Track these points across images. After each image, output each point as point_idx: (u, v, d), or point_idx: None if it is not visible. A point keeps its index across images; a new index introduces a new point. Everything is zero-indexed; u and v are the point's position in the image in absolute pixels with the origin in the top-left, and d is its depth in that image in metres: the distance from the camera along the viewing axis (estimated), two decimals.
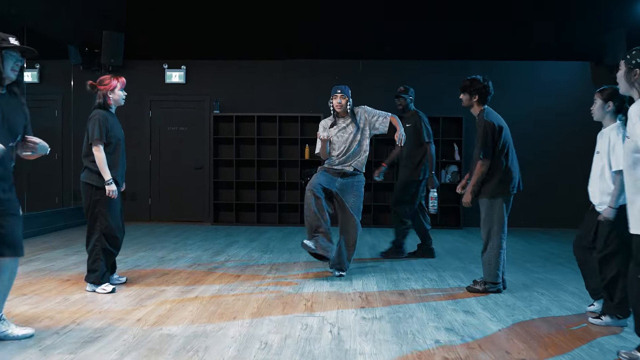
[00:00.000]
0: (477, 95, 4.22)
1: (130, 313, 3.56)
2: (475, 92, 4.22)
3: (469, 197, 4.19)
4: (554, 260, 5.79)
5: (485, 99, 4.23)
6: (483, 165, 4.09)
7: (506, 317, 3.59)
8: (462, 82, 4.31)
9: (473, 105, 4.27)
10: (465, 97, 4.28)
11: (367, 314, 3.62)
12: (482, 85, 4.21)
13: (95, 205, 4.08)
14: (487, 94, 4.22)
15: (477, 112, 4.26)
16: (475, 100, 4.24)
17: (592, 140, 8.87)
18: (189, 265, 5.21)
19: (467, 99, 4.27)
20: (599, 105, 3.52)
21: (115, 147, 4.16)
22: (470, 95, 4.24)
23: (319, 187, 4.65)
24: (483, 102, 4.24)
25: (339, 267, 4.75)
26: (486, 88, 4.21)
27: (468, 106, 4.31)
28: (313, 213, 4.59)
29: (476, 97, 4.22)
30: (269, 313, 3.60)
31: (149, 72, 9.02)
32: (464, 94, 4.29)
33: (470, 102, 4.26)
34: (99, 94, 4.15)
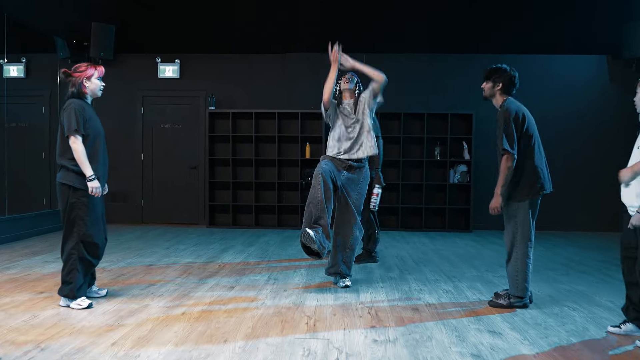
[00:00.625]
0: (500, 83, 3.75)
1: (106, 334, 3.09)
2: (499, 80, 3.75)
3: (498, 201, 3.71)
4: (577, 267, 5.31)
5: (509, 90, 3.77)
6: (508, 160, 3.61)
7: (539, 338, 3.12)
8: (486, 70, 3.84)
9: (495, 95, 3.81)
10: (488, 86, 3.81)
11: (379, 335, 3.15)
12: (509, 75, 3.75)
13: (73, 208, 3.61)
14: (512, 85, 3.77)
15: (500, 103, 3.79)
16: (499, 89, 3.77)
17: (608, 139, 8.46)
18: (179, 275, 4.74)
19: (490, 88, 3.80)
20: None
21: (94, 141, 3.69)
22: (494, 83, 3.77)
23: (329, 174, 4.19)
24: (507, 92, 3.78)
25: (334, 272, 4.32)
26: (513, 78, 3.76)
27: (490, 96, 3.84)
28: (320, 201, 4.10)
29: (499, 86, 3.76)
30: (265, 334, 3.13)
31: (141, 66, 8.54)
32: (486, 82, 3.82)
33: (493, 91, 3.80)
34: (73, 82, 3.68)
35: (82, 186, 3.59)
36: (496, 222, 8.24)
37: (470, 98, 8.24)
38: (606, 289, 4.41)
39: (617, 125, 8.19)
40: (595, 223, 8.20)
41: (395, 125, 8.22)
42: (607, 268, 5.30)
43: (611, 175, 8.19)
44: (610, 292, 4.29)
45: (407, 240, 7.06)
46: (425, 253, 6.08)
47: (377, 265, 5.30)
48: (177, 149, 8.53)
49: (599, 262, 5.59)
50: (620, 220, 3.22)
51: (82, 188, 3.60)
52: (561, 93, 8.15)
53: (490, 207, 3.74)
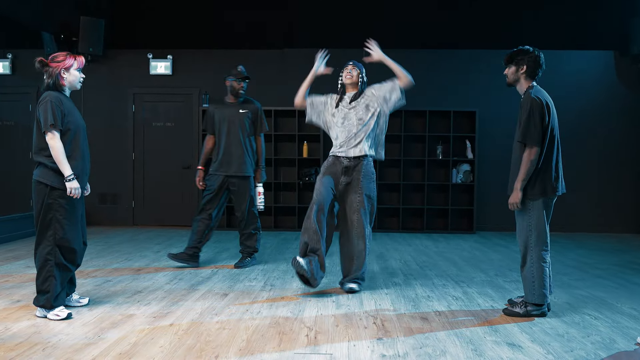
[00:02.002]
0: (525, 65, 3.46)
1: (84, 350, 2.77)
2: (523, 62, 3.46)
3: (517, 196, 3.40)
4: (591, 272, 5.03)
5: (535, 72, 3.48)
6: (532, 153, 3.32)
7: (564, 352, 2.82)
8: (506, 55, 3.55)
9: (519, 80, 3.51)
10: (511, 70, 3.51)
11: (387, 348, 2.85)
12: (533, 55, 3.46)
13: (49, 209, 3.30)
14: (538, 67, 3.47)
15: (525, 89, 3.49)
16: (523, 72, 3.48)
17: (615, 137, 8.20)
18: (169, 281, 4.42)
19: (513, 72, 3.51)
20: None
21: (74, 136, 3.38)
22: (518, 66, 3.48)
23: (326, 199, 3.95)
24: (532, 76, 3.49)
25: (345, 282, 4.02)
26: (538, 59, 3.46)
27: (513, 82, 3.54)
28: (314, 231, 3.86)
29: (524, 68, 3.47)
30: (261, 349, 2.82)
31: (132, 63, 8.21)
32: (509, 66, 3.53)
33: (517, 75, 3.50)
34: (50, 73, 3.36)
35: (61, 185, 3.29)
36: (500, 224, 8.01)
37: (474, 95, 7.97)
38: (626, 295, 4.12)
39: (624, 123, 7.93)
40: (603, 224, 7.93)
41: (396, 123, 7.92)
42: (623, 272, 5.01)
43: (618, 174, 7.98)
44: (631, 298, 4.01)
45: (408, 243, 6.76)
46: (429, 256, 5.78)
47: (379, 269, 5.00)
48: (170, 148, 8.21)
49: (614, 266, 5.31)
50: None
51: (61, 188, 3.29)
52: (568, 89, 7.87)
53: (509, 203, 3.44)
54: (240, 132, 4.97)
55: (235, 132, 4.96)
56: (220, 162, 4.99)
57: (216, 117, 5.05)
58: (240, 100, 5.10)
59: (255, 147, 5.12)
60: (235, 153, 4.96)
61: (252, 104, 5.14)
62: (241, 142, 4.97)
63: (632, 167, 7.94)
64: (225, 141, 4.98)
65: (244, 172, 4.98)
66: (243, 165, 4.97)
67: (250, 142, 5.06)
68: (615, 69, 7.99)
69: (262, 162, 5.15)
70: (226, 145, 4.98)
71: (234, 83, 5.07)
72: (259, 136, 5.14)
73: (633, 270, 5.11)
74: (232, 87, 5.08)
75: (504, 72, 3.58)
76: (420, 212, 7.94)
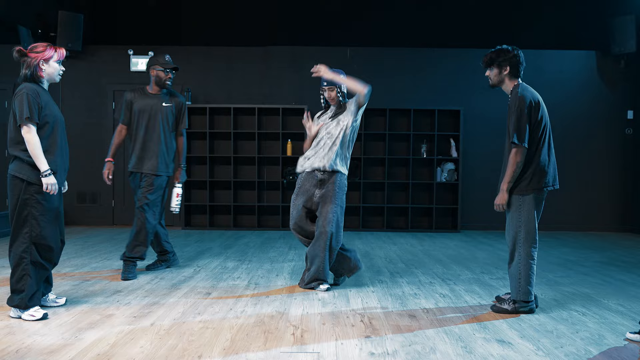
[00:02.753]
0: (507, 66, 3.43)
1: (60, 351, 2.65)
2: (505, 63, 3.44)
3: (504, 198, 3.39)
4: (576, 269, 5.03)
5: (518, 71, 3.46)
6: (518, 153, 3.30)
7: (554, 349, 2.79)
8: (485, 57, 3.52)
9: (504, 81, 3.49)
10: (494, 72, 3.49)
11: (376, 347, 2.78)
12: (513, 54, 3.43)
13: (25, 205, 3.17)
14: (519, 65, 3.45)
15: (511, 88, 3.47)
16: (506, 72, 3.45)
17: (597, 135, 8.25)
18: (149, 280, 4.30)
19: (496, 74, 3.48)
20: None
21: (52, 130, 3.25)
22: (500, 67, 3.46)
23: (300, 225, 4.11)
24: (516, 74, 3.46)
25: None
26: (518, 57, 3.44)
27: (498, 83, 3.51)
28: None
29: (507, 69, 3.45)
30: (246, 348, 2.73)
31: (112, 59, 8.03)
32: (490, 69, 3.50)
33: (501, 76, 3.48)
34: (28, 63, 3.23)
35: (38, 181, 3.16)
36: (485, 222, 8.02)
37: (458, 93, 7.97)
38: (612, 291, 4.12)
39: (606, 122, 8.00)
40: (585, 223, 7.99)
41: (381, 122, 7.89)
42: (607, 269, 5.03)
43: (600, 173, 8.05)
44: (617, 294, 4.01)
45: (393, 242, 6.72)
46: (415, 254, 5.74)
47: (365, 268, 4.94)
48: None
49: (598, 263, 5.33)
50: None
51: (37, 183, 3.16)
52: (550, 89, 7.89)
53: (495, 204, 3.42)
54: (161, 126, 4.44)
55: (155, 126, 4.42)
56: (138, 157, 4.46)
57: (135, 107, 4.47)
58: (163, 92, 4.53)
59: (175, 144, 4.62)
60: (153, 150, 4.43)
61: (177, 97, 4.60)
62: (161, 137, 4.45)
63: (613, 166, 8.01)
64: (144, 135, 4.43)
65: (157, 172, 4.43)
66: (158, 165, 4.44)
67: (171, 139, 4.55)
68: (597, 69, 8.06)
69: (183, 161, 4.71)
70: (144, 140, 4.44)
71: (161, 73, 4.46)
72: (181, 133, 4.63)
73: (617, 267, 5.13)
74: (158, 77, 4.47)
75: (485, 74, 3.53)
76: (404, 211, 7.91)
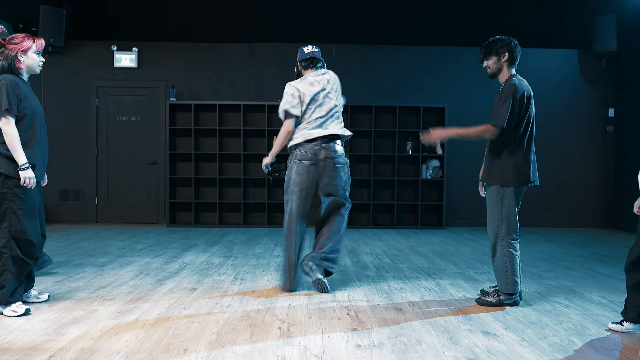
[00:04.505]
0: (506, 52, 3.43)
1: (42, 346, 2.61)
2: (503, 49, 3.43)
3: (441, 135, 3.45)
4: (559, 263, 5.10)
5: (514, 59, 3.46)
6: (490, 131, 3.32)
7: (538, 339, 2.82)
8: (482, 48, 3.52)
9: (502, 69, 3.47)
10: (493, 60, 3.47)
11: (362, 339, 2.78)
12: (510, 41, 3.44)
13: (4, 199, 3.11)
14: (517, 51, 3.46)
15: (506, 78, 3.46)
16: (505, 59, 3.44)
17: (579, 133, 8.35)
18: (134, 276, 4.26)
19: (495, 61, 3.46)
20: None
21: (31, 122, 3.19)
22: (498, 55, 3.44)
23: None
24: (513, 62, 3.46)
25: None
26: (516, 45, 3.45)
27: (496, 72, 3.48)
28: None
29: (505, 56, 3.44)
30: (232, 341, 2.72)
31: (96, 55, 7.94)
32: (488, 58, 3.48)
33: (500, 63, 3.45)
34: (6, 55, 3.17)
35: (16, 174, 3.10)
36: (470, 219, 8.08)
37: (443, 91, 8.03)
38: (594, 284, 4.18)
39: (588, 119, 8.12)
40: (568, 219, 8.09)
41: (366, 119, 7.90)
42: (589, 263, 5.10)
43: (582, 169, 8.16)
44: (599, 287, 4.07)
45: (379, 238, 6.74)
46: (401, 250, 5.77)
47: (351, 263, 4.95)
48: (135, 143, 7.97)
49: (581, 258, 5.40)
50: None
51: (16, 177, 3.10)
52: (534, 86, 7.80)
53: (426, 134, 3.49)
54: None
55: None
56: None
57: None
58: None
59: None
60: None
61: None
62: None
63: (595, 163, 8.13)
64: None
65: None
66: None
67: None
68: (579, 67, 8.18)
69: None
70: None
71: None
72: None
73: (599, 261, 5.21)
74: None
75: (483, 65, 3.53)
76: (390, 208, 7.95)
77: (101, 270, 4.46)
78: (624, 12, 7.60)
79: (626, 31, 7.63)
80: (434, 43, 8.06)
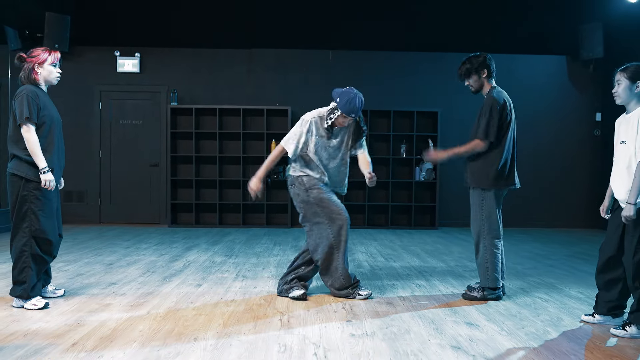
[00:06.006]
0: (484, 69, 3.71)
1: (65, 335, 2.87)
2: (481, 67, 3.71)
3: (441, 155, 3.79)
4: (544, 262, 5.38)
5: (492, 73, 3.74)
6: (480, 145, 3.60)
7: (516, 329, 3.09)
8: (460, 68, 3.79)
9: (484, 85, 3.75)
10: (474, 79, 3.75)
11: (356, 329, 3.05)
12: (483, 57, 3.72)
13: (24, 201, 3.36)
14: (491, 66, 3.73)
15: (487, 91, 3.74)
16: (485, 76, 3.73)
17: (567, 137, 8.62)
18: (142, 274, 4.51)
19: (476, 80, 3.75)
20: (624, 86, 3.04)
21: (49, 130, 3.45)
22: (478, 73, 3.72)
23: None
24: (491, 75, 3.74)
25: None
26: (489, 59, 3.73)
27: (479, 89, 3.77)
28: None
29: (485, 73, 3.72)
30: (237, 331, 2.98)
31: (99, 60, 8.19)
32: (469, 78, 3.76)
33: (481, 80, 3.74)
34: (24, 68, 3.44)
35: (36, 178, 3.35)
36: (462, 219, 8.34)
37: (436, 96, 8.30)
38: (574, 280, 4.46)
39: (575, 123, 8.41)
40: (555, 219, 8.38)
41: None
42: (572, 261, 5.38)
43: (570, 172, 8.45)
44: (578, 283, 4.35)
45: (374, 238, 7.01)
46: (394, 249, 6.04)
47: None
48: (137, 146, 8.22)
49: (564, 257, 5.69)
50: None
51: (36, 180, 3.36)
52: (523, 91, 8.28)
53: (427, 154, 3.82)
54: None
55: None
56: None
57: None
58: None
59: None
60: None
61: None
62: None
63: (582, 166, 8.42)
64: None
65: None
66: None
67: None
68: (567, 73, 8.47)
69: None
70: None
71: None
72: None
73: (581, 259, 5.49)
74: None
75: (465, 84, 3.80)
76: (385, 209, 8.21)
77: (110, 268, 4.71)
78: (610, 21, 7.88)
79: (612, 38, 7.91)
80: (428, 49, 8.34)
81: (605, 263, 3.12)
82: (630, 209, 2.87)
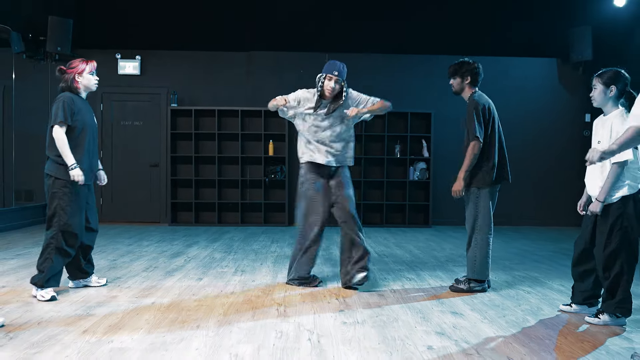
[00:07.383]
0: (469, 76, 3.93)
1: (76, 323, 3.07)
2: (467, 74, 3.93)
3: (460, 185, 3.88)
4: (531, 257, 5.60)
5: (476, 81, 3.95)
6: (475, 147, 3.80)
7: (498, 318, 3.31)
8: (450, 67, 4.01)
9: (464, 89, 3.98)
10: (456, 81, 3.98)
11: (348, 318, 3.26)
12: (474, 66, 3.93)
13: (54, 198, 3.65)
14: (478, 75, 3.95)
15: (468, 95, 3.97)
16: (467, 82, 3.95)
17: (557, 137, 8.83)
18: (145, 269, 4.72)
19: (458, 83, 3.97)
20: (600, 90, 3.25)
21: (80, 133, 3.71)
22: (462, 77, 3.95)
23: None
24: (474, 84, 3.96)
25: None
26: (477, 69, 3.94)
27: (459, 91, 4.00)
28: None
29: (468, 79, 3.94)
30: (237, 320, 3.19)
31: (101, 63, 8.11)
32: (454, 78, 3.98)
33: (462, 85, 3.97)
34: (65, 79, 3.71)
35: (63, 176, 3.61)
36: (454, 218, 8.57)
37: (430, 98, 8.52)
38: (557, 274, 4.68)
39: (565, 125, 8.64)
40: (545, 218, 8.60)
41: (357, 124, 8.35)
42: (557, 257, 5.60)
43: (560, 171, 8.68)
44: (560, 277, 4.56)
45: (368, 236, 7.21)
46: (388, 246, 6.25)
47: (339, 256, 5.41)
48: (138, 147, 8.42)
49: (551, 253, 5.91)
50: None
51: (63, 178, 3.61)
52: (515, 93, 8.52)
53: (452, 190, 3.92)
54: None
55: None
56: None
57: None
58: None
59: None
60: None
61: None
62: None
63: (572, 165, 8.64)
64: None
65: None
66: None
67: None
68: (558, 75, 8.70)
69: None
70: None
71: None
72: None
73: (566, 255, 5.71)
74: None
75: (449, 83, 4.03)
76: (379, 208, 8.43)
77: (114, 264, 4.91)
78: (598, 24, 8.10)
79: (600, 41, 8.13)
80: (422, 52, 8.55)
81: (579, 256, 3.34)
82: (597, 205, 3.11)
